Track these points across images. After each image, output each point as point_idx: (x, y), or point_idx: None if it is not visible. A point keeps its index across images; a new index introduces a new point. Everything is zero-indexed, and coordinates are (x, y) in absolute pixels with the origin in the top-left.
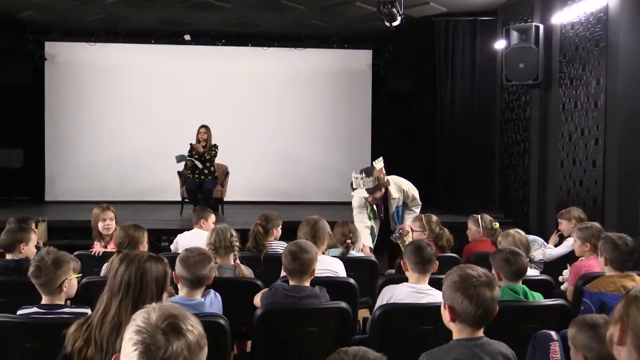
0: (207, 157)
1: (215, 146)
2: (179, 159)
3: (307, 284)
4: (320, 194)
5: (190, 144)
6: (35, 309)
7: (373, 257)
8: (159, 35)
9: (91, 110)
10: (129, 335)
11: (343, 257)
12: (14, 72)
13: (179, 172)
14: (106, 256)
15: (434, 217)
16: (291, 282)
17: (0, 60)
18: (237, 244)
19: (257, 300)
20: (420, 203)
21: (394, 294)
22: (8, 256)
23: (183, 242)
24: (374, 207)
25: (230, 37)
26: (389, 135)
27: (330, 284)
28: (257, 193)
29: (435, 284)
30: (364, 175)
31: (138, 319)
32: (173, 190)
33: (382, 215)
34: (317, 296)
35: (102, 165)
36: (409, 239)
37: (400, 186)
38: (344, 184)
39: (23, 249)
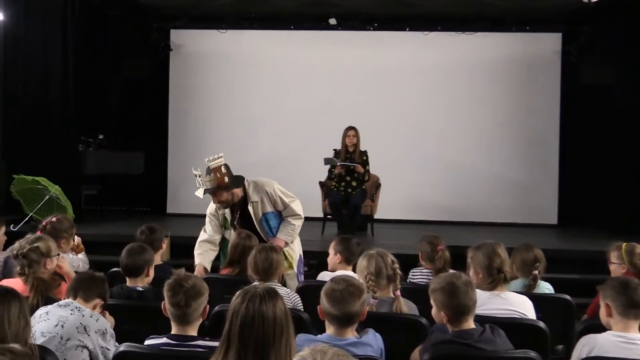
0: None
1: (365, 153)
2: (328, 161)
3: (472, 324)
4: (493, 213)
5: (335, 150)
6: (165, 340)
7: (567, 297)
8: (299, 19)
9: (220, 108)
10: None
11: (529, 293)
12: (136, 64)
13: (321, 183)
14: (239, 282)
15: (639, 248)
16: (452, 328)
17: (122, 52)
18: (400, 272)
19: (414, 357)
20: (301, 215)
21: (595, 345)
22: (129, 281)
23: None
24: (227, 214)
25: (384, 20)
26: (583, 139)
27: (514, 327)
28: (413, 210)
29: None
30: (201, 172)
31: None
32: (313, 204)
33: (236, 223)
34: (489, 340)
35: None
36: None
37: (262, 188)
38: (524, 201)
39: (149, 272)
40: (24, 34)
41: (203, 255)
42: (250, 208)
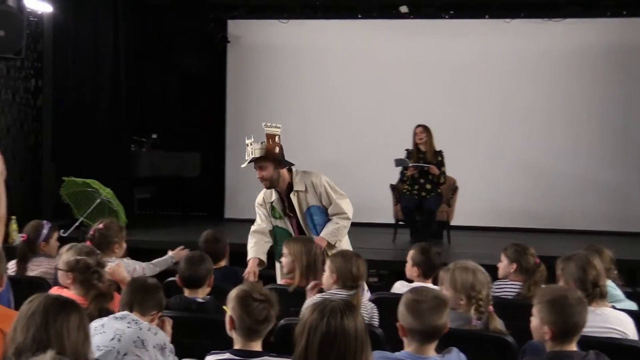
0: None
1: (441, 153)
2: (399, 162)
3: (574, 347)
4: (583, 220)
5: (407, 150)
6: (228, 355)
7: None
8: (367, 8)
9: (282, 105)
10: None
11: (629, 310)
12: (191, 58)
13: (392, 186)
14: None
15: None
16: (552, 346)
17: (175, 45)
18: (492, 286)
19: None
20: (349, 215)
21: None
22: (188, 292)
23: None
24: (275, 203)
25: (461, 7)
26: None
27: (613, 348)
28: (493, 216)
29: None
30: (253, 140)
31: None
32: (384, 209)
33: (288, 212)
34: None
35: None
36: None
37: (308, 177)
38: (619, 207)
39: (210, 282)
40: (73, 28)
41: (256, 247)
42: (294, 197)
